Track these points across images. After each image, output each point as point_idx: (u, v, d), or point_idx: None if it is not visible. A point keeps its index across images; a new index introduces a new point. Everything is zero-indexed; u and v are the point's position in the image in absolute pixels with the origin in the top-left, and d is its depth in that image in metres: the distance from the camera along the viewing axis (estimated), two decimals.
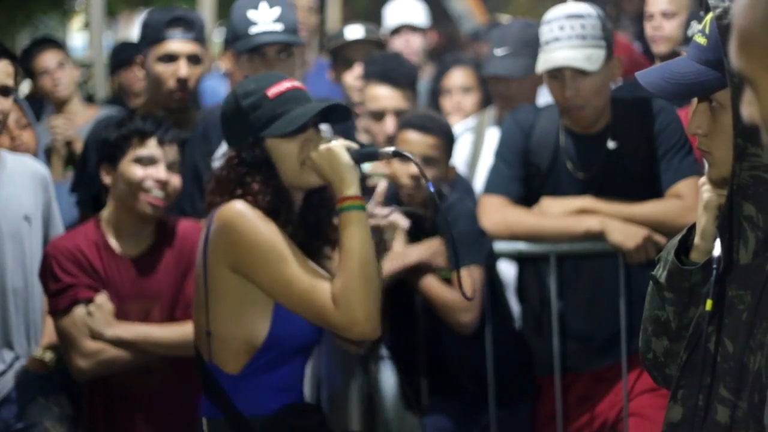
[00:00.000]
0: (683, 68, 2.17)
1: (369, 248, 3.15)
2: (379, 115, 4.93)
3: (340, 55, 5.65)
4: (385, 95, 4.95)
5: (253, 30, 4.41)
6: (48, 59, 6.13)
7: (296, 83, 3.26)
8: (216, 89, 7.76)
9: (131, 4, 17.76)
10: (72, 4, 18.25)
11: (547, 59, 4.19)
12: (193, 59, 4.48)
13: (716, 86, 2.11)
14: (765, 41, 1.48)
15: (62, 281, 3.83)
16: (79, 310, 3.83)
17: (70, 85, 6.18)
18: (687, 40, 4.25)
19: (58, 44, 6.46)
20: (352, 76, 5.32)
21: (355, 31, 5.58)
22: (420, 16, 6.97)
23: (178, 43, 4.47)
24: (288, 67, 4.46)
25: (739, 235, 2.11)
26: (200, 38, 4.54)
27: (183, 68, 4.44)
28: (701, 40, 2.15)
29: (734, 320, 2.09)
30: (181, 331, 3.86)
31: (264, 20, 4.42)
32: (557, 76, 4.21)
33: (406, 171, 4.39)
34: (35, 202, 4.01)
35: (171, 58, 4.46)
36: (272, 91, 3.22)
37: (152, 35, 4.52)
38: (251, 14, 4.43)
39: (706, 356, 2.13)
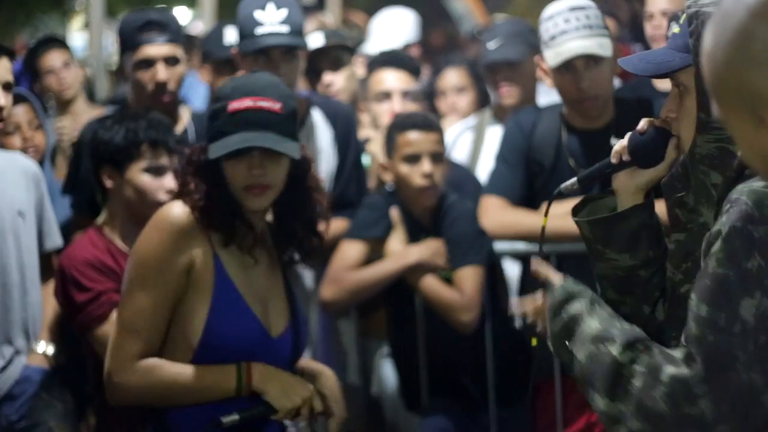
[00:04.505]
0: (658, 52, 2.41)
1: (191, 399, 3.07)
2: (385, 95, 4.95)
3: (309, 65, 5.31)
4: (390, 77, 5.00)
5: (259, 31, 4.39)
6: (53, 59, 6.13)
7: (265, 104, 3.13)
8: (190, 86, 7.73)
9: (131, 4, 17.76)
10: (72, 4, 18.25)
11: (560, 52, 4.18)
12: (171, 61, 4.43)
13: (681, 64, 2.32)
14: (728, 89, 1.55)
15: (92, 290, 3.76)
16: None
17: (75, 84, 6.18)
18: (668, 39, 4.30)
19: (64, 44, 6.46)
20: (323, 86, 5.26)
21: (315, 40, 5.28)
22: (414, 29, 6.93)
23: (152, 47, 4.41)
24: (292, 69, 4.45)
25: (706, 201, 2.30)
26: (176, 38, 4.49)
27: (161, 72, 4.37)
28: (676, 29, 2.38)
29: None
30: None
31: (270, 21, 4.40)
32: (568, 69, 4.20)
33: (419, 171, 4.39)
34: (28, 198, 4.00)
35: (148, 63, 4.41)
36: (233, 106, 3.11)
37: (128, 42, 4.47)
38: (258, 14, 4.41)
39: (687, 312, 2.29)
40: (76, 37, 17.26)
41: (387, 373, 4.73)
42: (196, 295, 3.06)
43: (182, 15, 20.80)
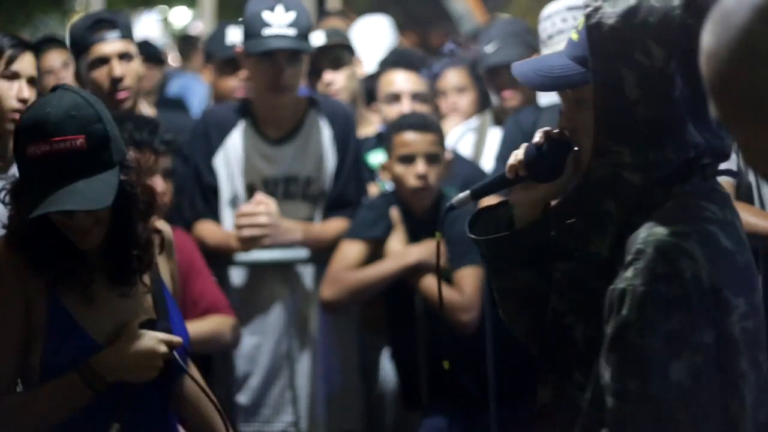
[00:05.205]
0: (554, 62, 2.24)
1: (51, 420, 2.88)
2: (395, 97, 4.97)
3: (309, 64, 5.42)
4: (400, 78, 5.00)
5: (267, 32, 4.39)
6: (53, 58, 6.12)
7: (65, 144, 2.75)
8: (189, 86, 7.68)
9: (131, 4, 17.78)
10: (72, 4, 18.26)
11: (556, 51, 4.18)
12: (125, 57, 4.42)
13: (580, 81, 2.17)
14: (731, 88, 1.53)
15: None
16: None
17: (73, 85, 6.17)
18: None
19: (63, 44, 6.46)
20: (323, 85, 5.26)
21: (317, 38, 5.18)
22: (389, 37, 6.91)
23: (105, 44, 4.38)
24: (296, 72, 4.46)
25: (597, 229, 2.18)
26: (128, 35, 4.48)
27: (116, 68, 4.35)
28: (575, 36, 2.21)
29: (597, 311, 2.15)
30: (205, 325, 3.89)
31: (279, 23, 4.40)
32: None
33: (413, 172, 4.39)
34: None
35: (102, 61, 4.38)
36: (30, 151, 2.76)
37: (80, 44, 4.46)
38: (266, 15, 4.41)
39: (572, 345, 2.21)
40: None
41: (387, 372, 4.73)
42: (32, 332, 2.85)
43: (182, 15, 20.79)
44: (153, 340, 2.87)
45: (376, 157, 4.93)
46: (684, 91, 2.08)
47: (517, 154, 2.30)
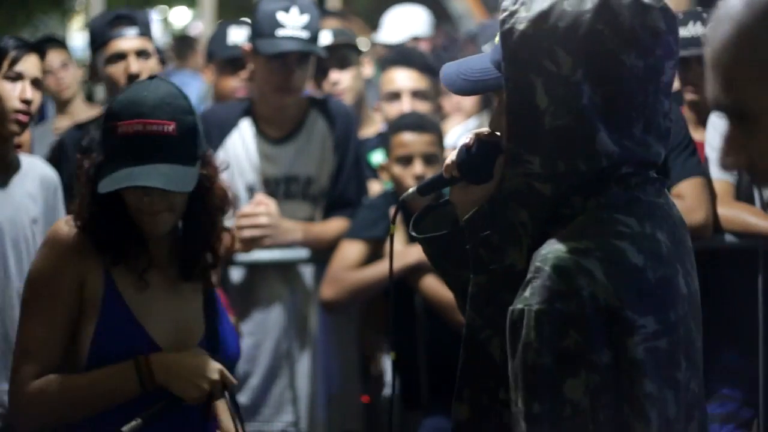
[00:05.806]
0: (475, 65, 2.19)
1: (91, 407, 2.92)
2: (395, 95, 4.96)
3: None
4: (401, 76, 5.00)
5: (280, 33, 4.39)
6: (52, 59, 6.13)
7: (156, 127, 2.86)
8: (185, 84, 7.66)
9: (131, 4, 17.80)
10: (72, 4, 18.28)
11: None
12: (142, 54, 4.44)
13: (495, 86, 2.13)
14: (741, 70, 1.49)
15: None
16: None
17: (73, 85, 6.18)
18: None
19: (62, 44, 6.46)
20: (329, 84, 5.26)
21: (323, 38, 5.11)
22: (425, 25, 6.95)
23: (123, 41, 4.41)
24: (304, 75, 4.47)
25: (513, 241, 2.11)
26: (146, 33, 4.50)
27: (133, 64, 4.37)
28: (497, 39, 2.15)
29: None
30: None
31: (293, 25, 4.40)
32: None
33: (411, 172, 4.39)
34: (44, 206, 4.01)
35: (119, 56, 4.40)
36: (123, 129, 2.87)
37: (98, 39, 4.47)
38: (281, 16, 4.41)
39: (490, 360, 2.15)
40: (76, 37, 17.27)
41: (387, 372, 4.73)
42: (85, 312, 2.92)
43: (182, 15, 20.81)
44: (212, 364, 2.96)
45: (378, 157, 4.94)
46: (594, 98, 2.01)
47: (452, 154, 2.26)
